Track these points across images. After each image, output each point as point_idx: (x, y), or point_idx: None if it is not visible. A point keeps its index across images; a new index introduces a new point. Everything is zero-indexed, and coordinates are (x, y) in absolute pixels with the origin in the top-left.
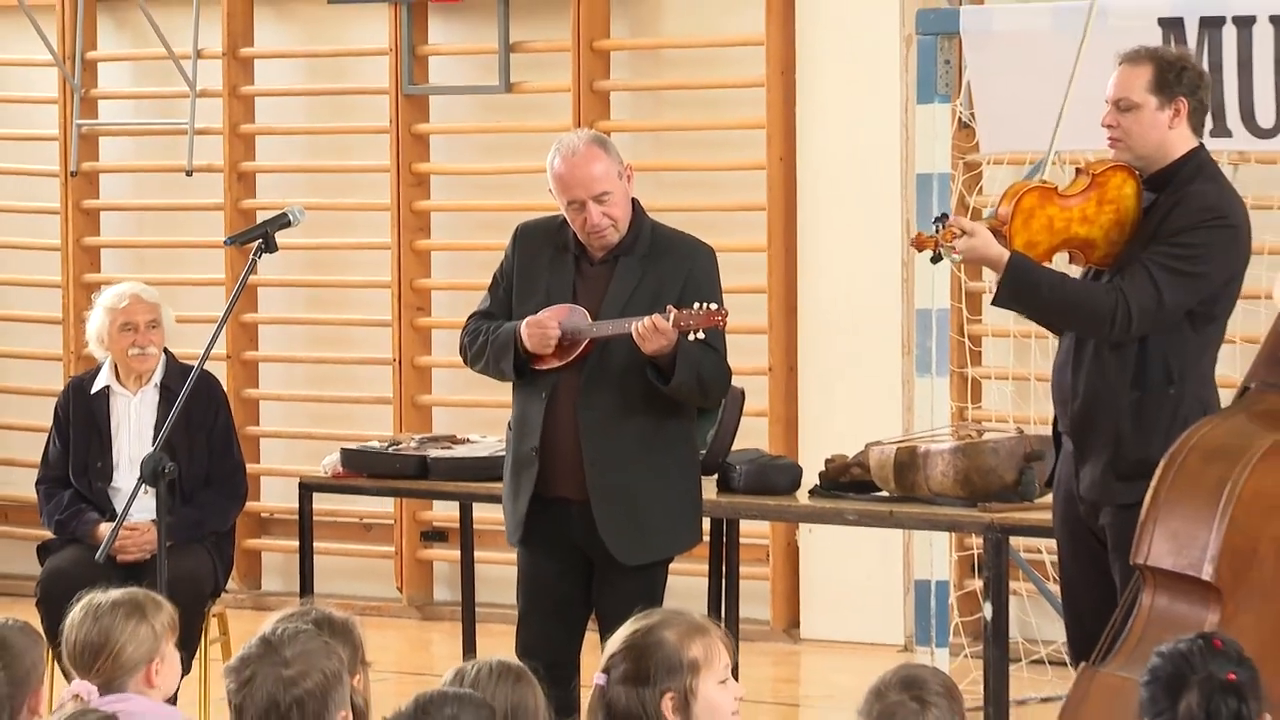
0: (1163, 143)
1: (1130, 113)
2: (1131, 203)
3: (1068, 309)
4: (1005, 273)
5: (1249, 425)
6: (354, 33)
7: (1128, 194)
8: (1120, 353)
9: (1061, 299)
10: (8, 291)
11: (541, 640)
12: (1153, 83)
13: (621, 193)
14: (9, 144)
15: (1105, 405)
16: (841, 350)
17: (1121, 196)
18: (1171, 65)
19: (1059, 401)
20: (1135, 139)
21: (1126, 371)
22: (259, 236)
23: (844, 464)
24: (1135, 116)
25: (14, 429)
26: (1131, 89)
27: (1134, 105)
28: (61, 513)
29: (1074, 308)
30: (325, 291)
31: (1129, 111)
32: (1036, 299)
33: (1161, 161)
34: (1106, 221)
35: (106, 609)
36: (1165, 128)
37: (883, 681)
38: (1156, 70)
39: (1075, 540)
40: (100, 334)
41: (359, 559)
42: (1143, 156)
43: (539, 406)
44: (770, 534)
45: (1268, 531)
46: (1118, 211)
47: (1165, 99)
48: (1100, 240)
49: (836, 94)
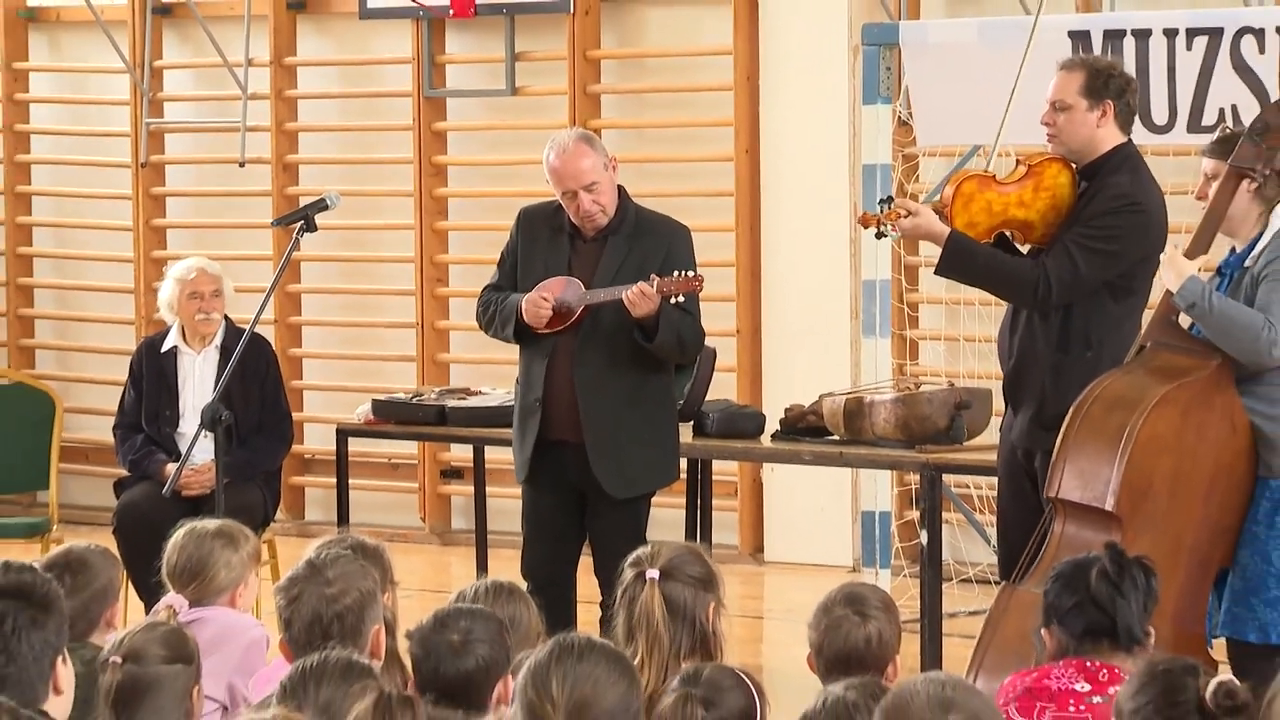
0: (1092, 139)
1: (1065, 112)
2: (1066, 190)
3: (998, 278)
4: (946, 247)
5: (1144, 379)
6: (381, 44)
7: (1063, 182)
8: (1047, 320)
9: (993, 270)
10: (89, 265)
11: (542, 563)
12: (1084, 87)
13: (608, 182)
14: (89, 140)
15: (1033, 365)
16: (798, 315)
17: (1057, 185)
18: (1101, 72)
19: (1000, 361)
20: (1068, 135)
21: (1052, 337)
22: (301, 218)
23: (801, 412)
24: (1069, 116)
25: (94, 382)
26: (1066, 92)
27: (1068, 106)
28: (134, 454)
29: (1003, 278)
30: (357, 265)
31: (1063, 111)
32: (972, 270)
33: (1091, 155)
34: (1043, 206)
35: (207, 536)
36: (1094, 126)
37: (829, 598)
38: (1088, 76)
39: (1011, 480)
40: (171, 301)
41: (388, 494)
42: (1075, 150)
43: (541, 364)
44: (738, 472)
45: (1160, 469)
46: (1053, 197)
47: (1095, 101)
48: (1037, 222)
49: (794, 96)
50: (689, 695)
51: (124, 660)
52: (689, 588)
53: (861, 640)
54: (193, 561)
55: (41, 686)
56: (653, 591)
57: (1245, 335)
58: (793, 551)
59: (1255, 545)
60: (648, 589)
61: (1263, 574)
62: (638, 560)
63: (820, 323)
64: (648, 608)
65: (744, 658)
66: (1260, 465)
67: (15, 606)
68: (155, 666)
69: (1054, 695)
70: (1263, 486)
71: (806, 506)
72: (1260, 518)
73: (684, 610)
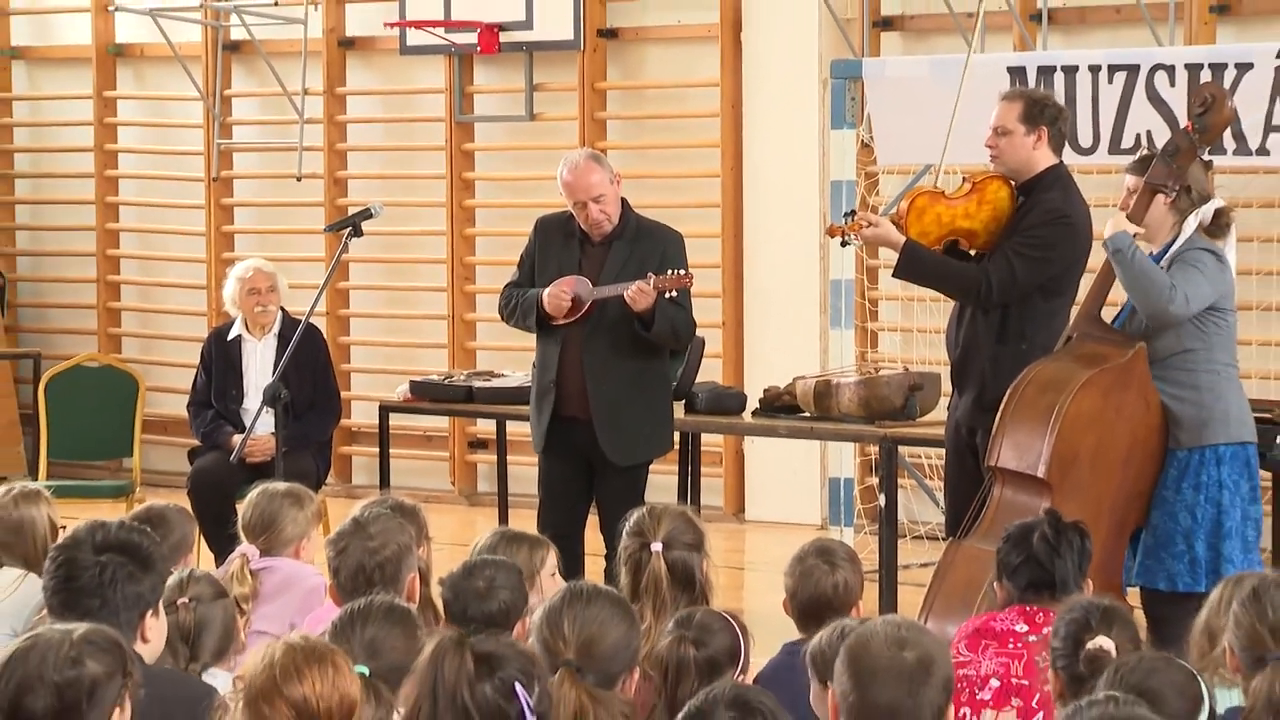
0: (1029, 160)
1: (1005, 137)
2: (1006, 204)
3: (946, 280)
4: (901, 253)
5: (1071, 365)
6: (419, 76)
7: (1003, 197)
8: (988, 316)
9: (942, 273)
10: (167, 265)
11: (555, 521)
12: (1023, 115)
13: (613, 195)
14: (168, 157)
15: (975, 354)
16: (775, 310)
17: (998, 199)
18: (1037, 102)
19: (948, 350)
20: (1008, 156)
21: (991, 330)
22: (349, 225)
23: (777, 393)
24: (1009, 140)
25: (171, 365)
26: (1007, 119)
27: (1008, 131)
28: (205, 427)
29: (951, 279)
30: (397, 266)
31: (1004, 136)
32: (924, 272)
33: (1028, 173)
34: (985, 217)
35: (277, 496)
36: (1031, 149)
37: (802, 551)
38: (1026, 105)
39: (956, 452)
40: (233, 297)
41: (423, 461)
42: (1014, 169)
43: (555, 350)
44: (723, 444)
45: (1084, 443)
46: (995, 210)
47: (1031, 127)
48: (981, 231)
49: (772, 122)
50: (682, 637)
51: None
52: (686, 551)
53: (830, 587)
54: (264, 517)
55: (129, 632)
56: (658, 562)
57: (1154, 289)
58: (769, 512)
59: (1165, 508)
60: (653, 560)
61: (1171, 532)
62: (640, 530)
63: (794, 316)
64: (655, 576)
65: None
66: (1169, 439)
67: (118, 560)
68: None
69: (997, 635)
70: (1171, 457)
71: (781, 473)
72: (1169, 484)
73: (683, 572)
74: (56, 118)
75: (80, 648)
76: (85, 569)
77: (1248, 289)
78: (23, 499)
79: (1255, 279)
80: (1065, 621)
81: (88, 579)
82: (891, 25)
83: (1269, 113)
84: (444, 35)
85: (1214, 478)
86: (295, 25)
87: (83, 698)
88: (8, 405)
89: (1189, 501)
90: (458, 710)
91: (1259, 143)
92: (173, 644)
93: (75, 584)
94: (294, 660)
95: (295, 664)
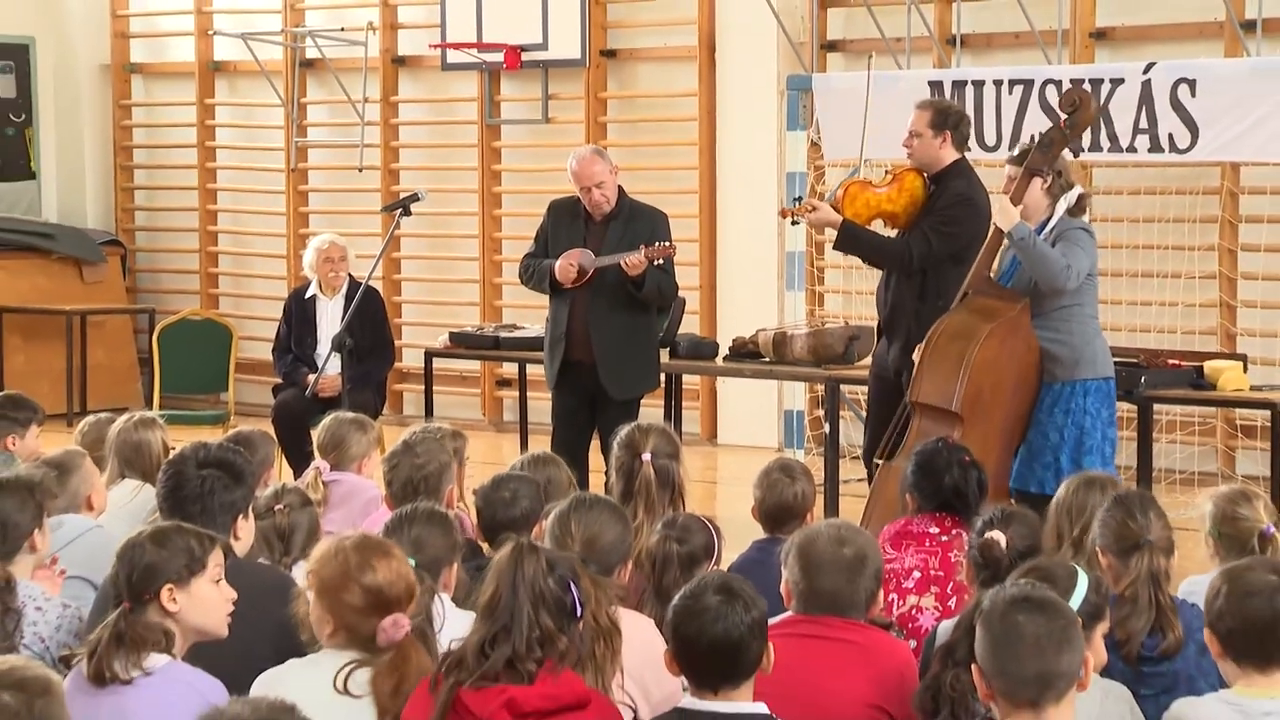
0: (937, 156)
1: (918, 138)
2: (920, 192)
3: (878, 252)
4: (840, 232)
5: (973, 318)
6: (456, 87)
7: (917, 186)
8: (910, 280)
9: (873, 246)
10: (255, 239)
11: (566, 444)
12: (931, 120)
13: (611, 182)
14: (255, 152)
15: (901, 311)
16: (741, 276)
17: (914, 188)
18: (943, 110)
19: (879, 308)
20: (920, 154)
21: (914, 291)
22: (401, 207)
23: (743, 342)
24: (921, 141)
25: (259, 319)
26: (919, 124)
27: (920, 134)
28: (286, 368)
29: (881, 252)
30: (439, 240)
31: (917, 137)
32: (859, 247)
33: (937, 167)
34: (905, 202)
35: (346, 422)
36: (939, 148)
37: (767, 467)
38: (934, 113)
39: (884, 389)
40: (311, 263)
41: (459, 396)
42: (925, 164)
43: (565, 308)
44: (700, 383)
45: (986, 381)
46: (911, 196)
47: (938, 130)
48: (900, 213)
49: (740, 124)
50: (668, 536)
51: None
52: (668, 460)
53: (791, 496)
54: (334, 438)
55: (224, 531)
56: (647, 469)
57: (1053, 268)
58: (737, 437)
59: (1039, 428)
60: (643, 468)
61: (1042, 447)
62: (631, 443)
63: (757, 280)
64: (645, 480)
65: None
66: (1046, 374)
67: (214, 474)
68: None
69: (915, 536)
70: (1047, 390)
71: (747, 406)
72: (1044, 409)
73: (665, 477)
74: (167, 120)
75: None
76: (189, 481)
77: (1120, 259)
78: (141, 425)
79: (1125, 251)
80: (978, 526)
81: (191, 489)
82: (836, 47)
83: (1136, 118)
84: (477, 55)
85: (1081, 406)
86: (357, 46)
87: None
88: (128, 351)
89: (1059, 424)
90: (535, 597)
91: (1129, 142)
92: (270, 542)
93: (181, 493)
94: (364, 554)
95: (365, 557)
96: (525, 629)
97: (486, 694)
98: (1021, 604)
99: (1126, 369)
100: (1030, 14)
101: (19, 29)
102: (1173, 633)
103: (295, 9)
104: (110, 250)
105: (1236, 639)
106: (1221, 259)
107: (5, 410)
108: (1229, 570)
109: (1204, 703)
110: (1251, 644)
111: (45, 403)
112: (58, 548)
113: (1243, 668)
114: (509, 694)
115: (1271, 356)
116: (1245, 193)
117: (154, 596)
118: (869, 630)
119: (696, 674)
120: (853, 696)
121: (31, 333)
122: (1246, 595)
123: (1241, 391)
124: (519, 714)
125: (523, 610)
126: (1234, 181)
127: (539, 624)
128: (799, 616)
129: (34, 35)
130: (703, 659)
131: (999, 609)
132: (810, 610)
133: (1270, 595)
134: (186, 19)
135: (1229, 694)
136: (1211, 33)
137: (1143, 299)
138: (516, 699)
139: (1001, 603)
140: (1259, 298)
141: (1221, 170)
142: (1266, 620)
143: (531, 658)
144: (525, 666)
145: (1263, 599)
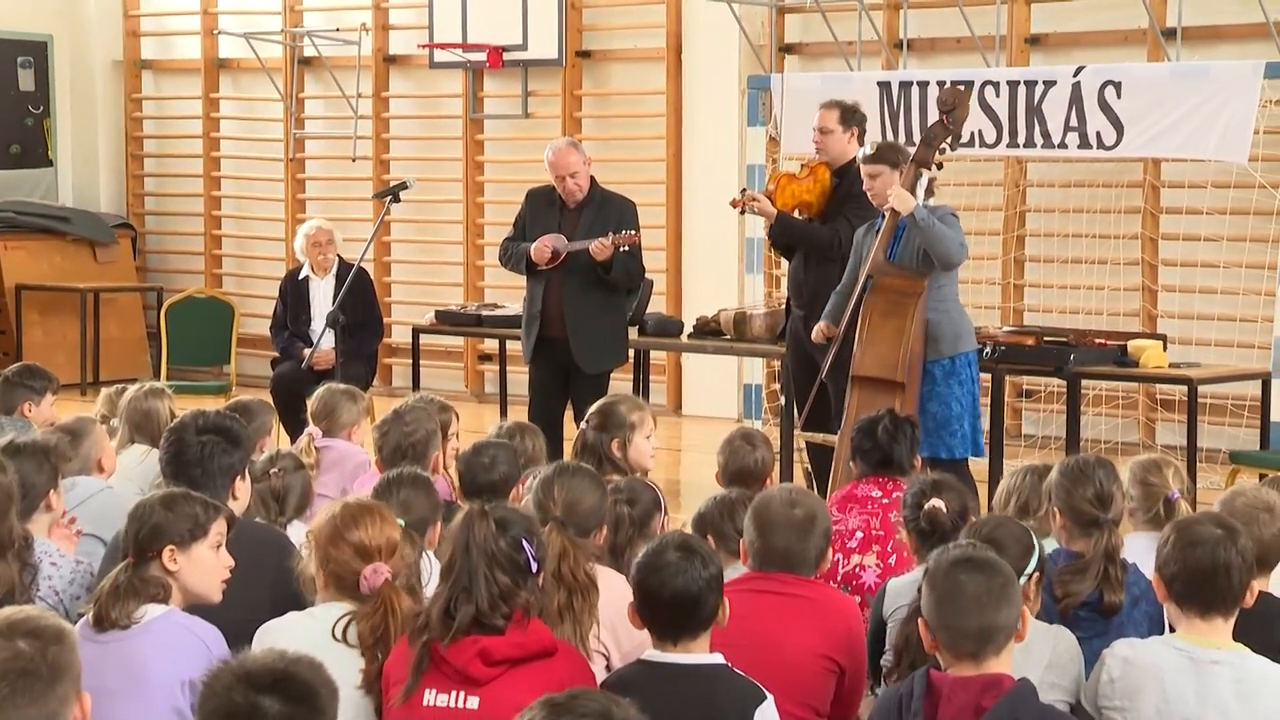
0: (844, 150)
1: (826, 135)
2: (828, 183)
3: (806, 239)
4: (775, 223)
5: (895, 297)
6: (443, 84)
7: (826, 178)
8: (834, 264)
9: (803, 235)
10: (256, 223)
11: (541, 414)
12: (838, 118)
13: (585, 172)
14: (257, 143)
15: (824, 291)
16: (705, 259)
17: (824, 179)
18: (848, 109)
19: (793, 289)
20: (832, 148)
21: (837, 274)
22: (391, 194)
23: (706, 321)
24: (829, 137)
25: (258, 297)
26: (827, 122)
27: (831, 130)
28: (282, 343)
29: (810, 239)
30: (426, 225)
31: (826, 134)
32: (791, 235)
33: (843, 160)
34: (817, 192)
35: (337, 392)
36: (845, 143)
37: (730, 435)
38: (840, 112)
39: (798, 363)
40: (302, 247)
41: (445, 369)
42: (835, 157)
43: (540, 288)
44: (666, 358)
45: (915, 352)
46: (822, 187)
47: (845, 127)
48: (815, 202)
49: (705, 119)
50: (617, 499)
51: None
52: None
53: (752, 462)
54: (326, 406)
55: (223, 493)
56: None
57: (951, 245)
58: (700, 408)
59: (940, 400)
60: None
61: (948, 417)
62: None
63: (719, 263)
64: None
65: (670, 476)
66: (931, 350)
67: (213, 439)
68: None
69: (859, 500)
70: (936, 364)
71: (709, 380)
72: (940, 381)
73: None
74: (175, 113)
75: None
76: (190, 446)
77: (1051, 246)
78: (150, 394)
79: (1057, 239)
80: (910, 494)
81: (191, 453)
82: (793, 50)
83: (1067, 117)
84: (462, 54)
85: (968, 376)
86: (352, 45)
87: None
88: (138, 325)
89: (957, 394)
90: (489, 559)
91: (1060, 139)
92: (266, 503)
93: (183, 457)
94: (351, 513)
95: (353, 516)
96: (484, 588)
97: (460, 645)
98: (963, 564)
99: (1057, 347)
100: (971, 21)
101: (39, 27)
102: (1115, 596)
103: (294, 10)
104: (122, 232)
105: (1180, 585)
106: (1144, 247)
107: (22, 379)
108: (1179, 521)
109: (1149, 645)
110: (1192, 590)
111: (61, 373)
112: (71, 507)
113: (1185, 612)
114: (481, 644)
115: (1189, 336)
116: (1166, 186)
117: (156, 555)
118: (819, 586)
119: (658, 626)
120: (804, 647)
121: (49, 309)
122: (1191, 545)
123: (1161, 368)
124: (491, 662)
125: (479, 572)
126: (1155, 176)
127: (496, 582)
128: (754, 574)
129: (52, 33)
130: (664, 611)
131: (943, 569)
132: (765, 567)
133: (1213, 546)
134: (194, 19)
135: (1176, 639)
136: (1136, 39)
137: (1072, 283)
138: (489, 649)
139: (945, 563)
140: (1178, 283)
141: (1144, 165)
142: (1207, 569)
143: (498, 613)
144: (493, 621)
145: (1205, 549)
